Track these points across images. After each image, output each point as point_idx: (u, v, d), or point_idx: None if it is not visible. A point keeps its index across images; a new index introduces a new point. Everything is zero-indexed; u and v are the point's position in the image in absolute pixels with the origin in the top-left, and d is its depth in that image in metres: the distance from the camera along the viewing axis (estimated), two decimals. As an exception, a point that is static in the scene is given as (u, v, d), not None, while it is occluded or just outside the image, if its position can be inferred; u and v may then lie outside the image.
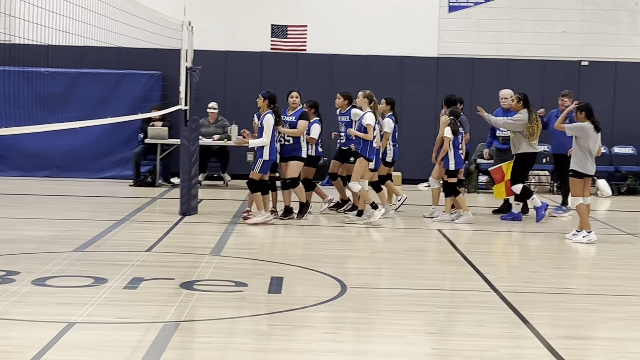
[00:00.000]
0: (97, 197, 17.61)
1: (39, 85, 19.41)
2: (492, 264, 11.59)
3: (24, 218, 14.43)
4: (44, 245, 11.82)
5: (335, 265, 10.99)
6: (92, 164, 20.71)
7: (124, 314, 8.25)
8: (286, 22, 21.32)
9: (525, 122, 14.98)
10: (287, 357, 7.12)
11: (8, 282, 9.33)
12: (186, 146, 15.14)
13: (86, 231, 13.01)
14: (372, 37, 21.20)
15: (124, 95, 20.32)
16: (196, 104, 15.38)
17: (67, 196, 17.57)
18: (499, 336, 7.92)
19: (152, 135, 19.80)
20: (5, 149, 19.65)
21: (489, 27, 21.35)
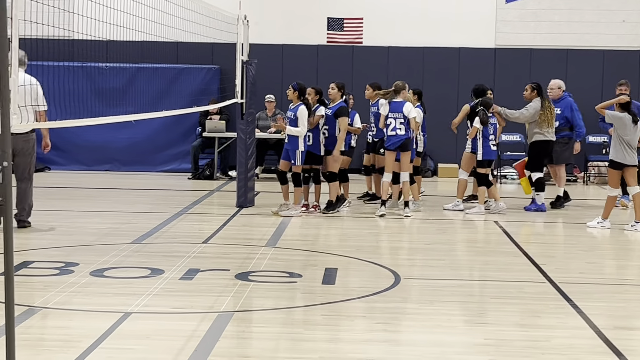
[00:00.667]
0: (156, 190, 17.79)
1: (99, 80, 19.66)
2: (548, 255, 11.45)
3: (83, 211, 14.56)
4: (102, 237, 11.97)
5: (389, 257, 11.06)
6: (152, 157, 20.88)
7: (179, 304, 8.33)
8: (342, 15, 21.31)
9: (538, 111, 15.06)
10: (339, 347, 7.14)
11: (67, 273, 9.48)
12: (243, 139, 15.23)
13: (144, 223, 13.16)
14: (429, 28, 21.11)
15: (182, 89, 20.45)
16: (252, 97, 15.45)
17: (126, 189, 17.74)
18: (552, 327, 7.87)
19: (209, 129, 19.96)
20: (66, 143, 19.90)
21: (547, 17, 21.17)
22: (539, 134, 15.24)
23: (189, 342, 7.05)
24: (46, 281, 9.15)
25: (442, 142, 19.75)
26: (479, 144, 14.64)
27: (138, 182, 18.80)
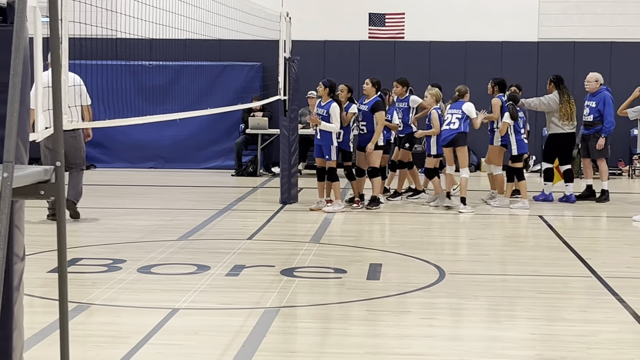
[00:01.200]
0: (200, 187, 17.90)
1: (143, 79, 19.78)
2: (593, 250, 11.38)
3: (129, 208, 14.73)
4: (148, 234, 12.10)
5: (433, 252, 11.01)
6: (196, 154, 21.01)
7: (226, 300, 8.43)
8: (384, 11, 21.32)
9: (551, 104, 15.24)
10: (385, 342, 7.16)
11: (115, 270, 9.59)
12: (286, 136, 15.29)
13: (190, 220, 13.24)
14: (471, 23, 21.07)
15: (225, 87, 20.55)
16: (295, 94, 15.52)
17: (171, 186, 17.87)
18: (600, 321, 7.85)
19: (252, 126, 20.05)
20: (110, 141, 20.11)
21: (591, 9, 21.05)
22: (557, 126, 15.38)
23: (236, 337, 7.12)
24: (94, 278, 9.29)
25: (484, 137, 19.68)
26: (511, 139, 14.65)
27: (182, 179, 18.92)
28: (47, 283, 8.70)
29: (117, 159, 20.53)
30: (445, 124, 14.71)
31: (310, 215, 13.94)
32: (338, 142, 14.20)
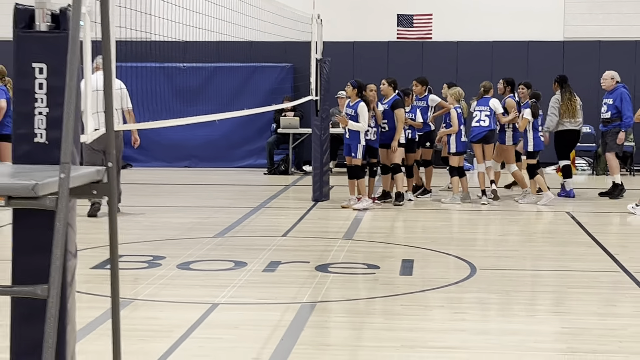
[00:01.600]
0: (233, 185, 17.99)
1: (177, 80, 19.93)
2: (621, 245, 11.38)
3: (166, 206, 14.82)
4: (186, 231, 12.16)
5: (464, 248, 11.04)
6: (229, 153, 21.10)
7: (263, 295, 8.47)
8: (412, 12, 21.37)
9: (555, 106, 15.52)
10: (419, 336, 7.19)
11: (155, 267, 9.69)
12: (317, 135, 15.36)
13: (225, 218, 13.32)
14: (497, 23, 21.06)
15: (257, 88, 20.65)
16: (326, 94, 15.58)
17: (206, 185, 17.98)
18: (629, 315, 7.89)
19: (284, 125, 20.15)
20: (146, 141, 20.14)
21: (616, 9, 20.98)
22: (560, 124, 15.64)
23: (275, 331, 7.18)
24: (136, 274, 9.34)
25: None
26: (529, 135, 14.77)
27: (216, 178, 19.04)
28: (91, 279, 8.77)
29: (153, 159, 20.64)
30: (474, 121, 14.90)
31: (342, 212, 14.00)
32: (367, 140, 14.26)
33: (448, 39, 21.21)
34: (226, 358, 6.60)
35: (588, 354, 6.70)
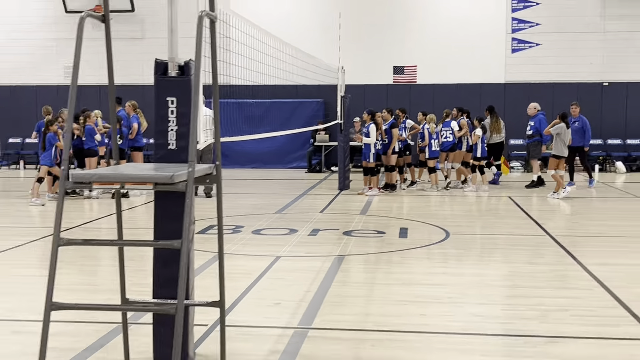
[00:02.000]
0: (286, 180, 17.94)
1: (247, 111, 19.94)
2: (545, 218, 11.20)
3: (242, 193, 14.79)
4: (256, 209, 12.19)
5: (440, 220, 10.97)
6: (282, 158, 20.99)
7: (309, 251, 8.56)
8: (403, 64, 21.27)
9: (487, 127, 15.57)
10: (412, 277, 7.26)
11: (237, 232, 9.76)
12: (342, 146, 15.37)
13: (282, 200, 13.32)
14: (460, 71, 20.85)
15: (301, 115, 20.63)
16: (347, 119, 15.60)
17: (267, 179, 17.99)
18: (551, 263, 7.91)
19: (318, 140, 20.16)
20: (227, 150, 20.24)
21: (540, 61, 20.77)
22: (491, 138, 15.81)
23: (318, 274, 7.27)
24: (226, 238, 9.37)
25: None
26: (479, 146, 14.94)
27: (274, 175, 19.04)
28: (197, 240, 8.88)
29: (232, 162, 20.58)
30: (443, 137, 15.06)
31: (358, 197, 13.95)
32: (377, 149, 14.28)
33: (427, 82, 21.06)
34: (287, 290, 6.65)
35: (526, 287, 6.75)
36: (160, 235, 4.50)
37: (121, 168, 4.27)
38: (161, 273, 4.54)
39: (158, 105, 4.54)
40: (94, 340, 5.18)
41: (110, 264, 7.82)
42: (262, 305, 6.17)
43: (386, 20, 21.21)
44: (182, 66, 4.57)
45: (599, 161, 20.09)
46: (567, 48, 20.77)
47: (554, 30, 20.78)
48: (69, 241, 3.81)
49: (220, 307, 4.55)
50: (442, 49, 21.07)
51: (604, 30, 20.66)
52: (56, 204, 3.84)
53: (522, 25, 20.98)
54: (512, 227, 10.45)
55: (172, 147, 4.55)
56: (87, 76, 21.84)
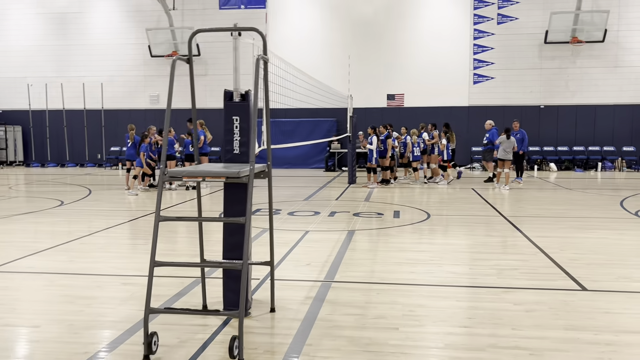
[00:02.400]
0: (309, 176, 17.95)
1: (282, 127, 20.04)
2: (498, 203, 11.18)
3: (278, 186, 14.72)
4: (289, 197, 12.17)
5: (424, 205, 10.99)
6: (306, 161, 20.94)
7: (330, 227, 8.56)
8: (394, 92, 21.24)
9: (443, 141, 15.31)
10: (404, 246, 7.24)
11: (277, 214, 9.77)
12: (350, 152, 15.34)
13: (307, 191, 13.34)
14: (436, 97, 20.88)
15: (320, 130, 20.67)
16: (354, 133, 15.60)
17: (296, 176, 18.01)
18: (503, 236, 7.75)
19: (333, 148, 20.14)
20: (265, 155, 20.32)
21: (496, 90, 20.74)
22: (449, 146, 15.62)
23: (336, 243, 7.30)
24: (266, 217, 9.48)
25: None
26: (444, 152, 14.99)
27: (300, 173, 19.07)
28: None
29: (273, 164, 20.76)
30: (415, 145, 15.02)
31: (363, 189, 13.97)
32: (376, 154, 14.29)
33: (412, 105, 21.07)
34: (314, 255, 6.66)
35: (486, 253, 6.74)
36: (228, 214, 4.60)
37: (200, 167, 4.37)
38: (228, 241, 4.64)
39: (226, 121, 4.63)
40: (180, 289, 5.30)
41: (181, 237, 7.94)
42: (297, 265, 6.22)
43: (382, 60, 21.21)
44: (243, 94, 4.66)
45: (537, 163, 20.00)
46: (513, 80, 20.64)
47: (504, 68, 20.66)
48: (165, 218, 3.91)
49: (270, 266, 4.65)
50: (423, 81, 21.03)
51: (540, 68, 20.52)
52: (157, 192, 3.95)
53: (481, 64, 20.86)
54: (475, 210, 10.42)
55: (236, 152, 4.65)
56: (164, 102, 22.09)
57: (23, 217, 9.54)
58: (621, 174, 18.63)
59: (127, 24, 22.36)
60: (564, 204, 11.34)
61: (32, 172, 20.33)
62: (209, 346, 3.90)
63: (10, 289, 5.30)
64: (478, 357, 3.70)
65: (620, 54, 20.06)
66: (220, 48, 21.64)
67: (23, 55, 22.90)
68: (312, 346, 3.90)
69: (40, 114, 23.01)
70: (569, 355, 3.73)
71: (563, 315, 4.49)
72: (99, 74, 22.52)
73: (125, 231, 8.42)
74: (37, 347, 3.91)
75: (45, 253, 6.78)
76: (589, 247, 7.03)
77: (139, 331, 4.17)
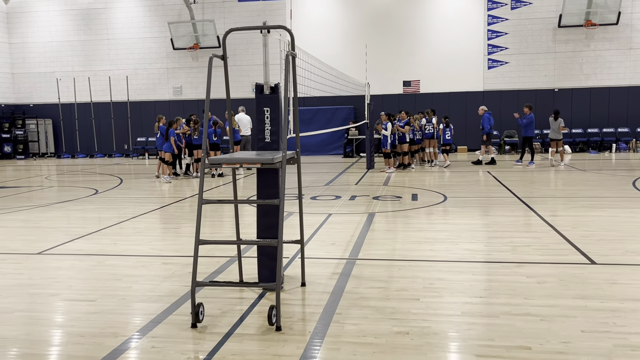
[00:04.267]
0: (329, 162, 18.11)
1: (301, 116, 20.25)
2: (514, 185, 11.21)
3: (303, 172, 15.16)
4: (311, 183, 12.40)
5: (440, 188, 11.14)
6: (326, 147, 21.18)
7: (351, 210, 8.78)
8: (410, 79, 21.34)
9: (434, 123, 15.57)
10: (422, 226, 7.40)
11: (300, 198, 10.10)
12: (368, 138, 15.53)
13: (327, 176, 13.56)
14: (450, 83, 20.96)
15: (338, 117, 20.89)
16: (372, 120, 15.78)
17: (317, 162, 18.24)
18: (518, 215, 7.93)
19: (351, 134, 20.35)
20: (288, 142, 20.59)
21: (507, 74, 20.75)
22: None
23: (358, 224, 7.54)
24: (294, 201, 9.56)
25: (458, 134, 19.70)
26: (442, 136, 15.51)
27: (320, 160, 19.24)
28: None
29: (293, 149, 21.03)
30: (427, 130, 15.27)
31: (381, 174, 14.16)
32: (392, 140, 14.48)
33: (427, 91, 21.17)
34: (338, 235, 6.90)
35: (500, 231, 6.91)
36: (261, 197, 4.91)
37: (236, 155, 4.67)
38: (262, 221, 4.94)
39: (258, 112, 4.93)
40: (216, 268, 5.65)
41: (212, 219, 8.30)
42: (323, 244, 6.48)
43: (398, 48, 21.30)
44: (272, 87, 4.94)
45: (552, 145, 20.01)
46: (527, 65, 20.61)
47: (518, 52, 20.63)
48: (207, 201, 4.24)
49: (300, 244, 4.96)
50: (438, 67, 21.09)
51: (554, 51, 20.45)
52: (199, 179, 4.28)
53: (495, 49, 20.84)
54: (490, 192, 10.51)
55: (267, 140, 4.95)
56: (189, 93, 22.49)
57: (64, 205, 10.00)
58: (636, 154, 18.59)
59: (150, 18, 22.72)
60: (577, 185, 11.39)
61: (63, 163, 20.93)
62: (248, 316, 4.25)
63: (63, 269, 5.71)
64: (492, 322, 4.00)
65: (635, 36, 19.89)
66: (239, 40, 21.90)
67: (51, 51, 23.45)
68: (341, 314, 4.22)
69: (70, 107, 23.59)
70: (576, 320, 4.00)
71: (572, 287, 4.75)
72: (124, 67, 22.98)
73: (159, 216, 8.77)
74: (97, 317, 4.30)
75: (90, 237, 7.20)
76: (600, 225, 7.21)
77: (184, 304, 4.54)
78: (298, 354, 3.55)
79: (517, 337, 3.73)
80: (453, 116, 19.72)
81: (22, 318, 4.31)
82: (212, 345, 3.72)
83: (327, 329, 3.94)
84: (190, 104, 22.18)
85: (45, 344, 3.83)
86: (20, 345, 3.80)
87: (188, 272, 5.47)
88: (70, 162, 21.03)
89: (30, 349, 3.75)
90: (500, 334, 3.79)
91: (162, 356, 3.58)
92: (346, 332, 3.88)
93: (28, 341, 3.88)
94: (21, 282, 5.28)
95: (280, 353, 3.57)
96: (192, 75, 22.41)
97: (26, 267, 5.81)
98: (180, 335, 3.90)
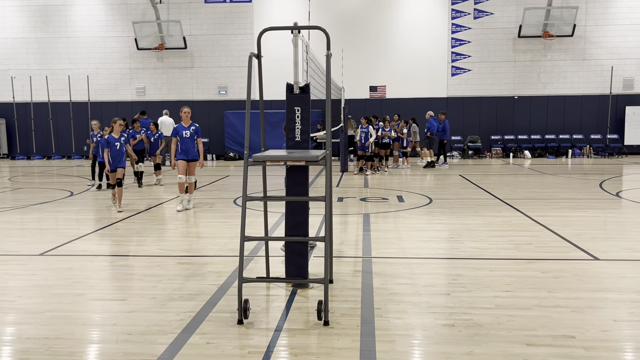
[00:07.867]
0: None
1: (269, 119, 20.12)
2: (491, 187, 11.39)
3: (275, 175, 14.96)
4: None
5: (424, 190, 11.31)
6: None
7: (344, 211, 8.76)
8: (376, 84, 21.65)
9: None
10: (411, 226, 7.54)
11: (289, 200, 10.07)
12: (343, 142, 15.63)
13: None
14: (415, 89, 21.41)
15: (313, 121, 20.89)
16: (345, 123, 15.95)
17: (286, 166, 18.25)
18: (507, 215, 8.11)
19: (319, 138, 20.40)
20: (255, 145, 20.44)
21: (470, 81, 21.42)
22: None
23: (358, 225, 7.58)
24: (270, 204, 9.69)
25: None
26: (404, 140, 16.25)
27: (290, 163, 19.25)
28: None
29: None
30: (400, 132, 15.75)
31: (357, 176, 14.21)
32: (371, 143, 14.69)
33: (393, 97, 21.54)
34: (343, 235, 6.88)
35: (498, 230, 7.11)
36: (291, 194, 4.92)
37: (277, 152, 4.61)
38: (290, 220, 4.97)
39: (288, 111, 4.96)
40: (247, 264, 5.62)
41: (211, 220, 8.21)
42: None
43: (366, 53, 21.60)
44: (302, 87, 4.99)
45: (512, 150, 20.82)
46: (489, 72, 21.36)
47: (480, 60, 21.36)
48: (251, 198, 4.25)
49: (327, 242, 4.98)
50: (404, 73, 21.51)
51: (514, 60, 21.30)
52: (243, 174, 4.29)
53: (459, 57, 21.50)
54: (471, 194, 10.69)
55: (297, 139, 4.99)
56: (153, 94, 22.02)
57: (42, 207, 9.62)
58: (589, 160, 19.60)
59: (112, 17, 22.13)
60: (550, 187, 11.81)
61: (17, 164, 20.03)
62: (290, 312, 4.28)
63: (75, 270, 5.54)
64: (529, 314, 4.19)
65: (587, 47, 21.02)
66: (205, 41, 21.67)
67: (5, 48, 22.44)
68: (381, 309, 4.32)
69: (25, 106, 22.63)
70: (604, 311, 4.26)
71: (587, 280, 5.03)
72: (85, 67, 22.26)
73: (150, 217, 8.59)
74: (136, 316, 4.22)
75: (87, 238, 6.99)
76: (587, 224, 7.57)
77: (219, 302, 4.52)
78: (356, 346, 3.62)
79: (557, 327, 3.93)
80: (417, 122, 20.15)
81: (56, 318, 4.18)
82: (267, 340, 3.74)
83: (374, 323, 4.03)
84: (153, 105, 21.73)
85: (93, 343, 3.74)
86: (63, 345, 3.69)
87: (209, 271, 5.43)
88: (26, 164, 20.15)
89: (78, 348, 3.65)
90: (541, 324, 3.99)
91: (220, 351, 3.57)
92: (394, 326, 3.98)
93: (73, 340, 3.77)
94: (38, 283, 5.09)
95: (339, 346, 3.63)
96: (157, 76, 21.97)
97: (35, 268, 5.60)
98: (230, 332, 3.90)
